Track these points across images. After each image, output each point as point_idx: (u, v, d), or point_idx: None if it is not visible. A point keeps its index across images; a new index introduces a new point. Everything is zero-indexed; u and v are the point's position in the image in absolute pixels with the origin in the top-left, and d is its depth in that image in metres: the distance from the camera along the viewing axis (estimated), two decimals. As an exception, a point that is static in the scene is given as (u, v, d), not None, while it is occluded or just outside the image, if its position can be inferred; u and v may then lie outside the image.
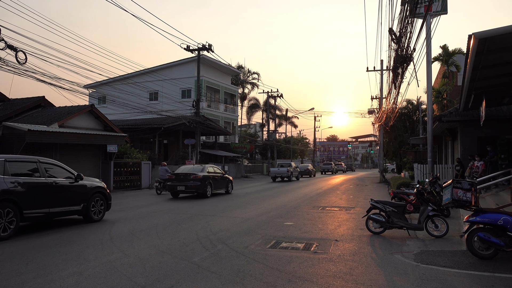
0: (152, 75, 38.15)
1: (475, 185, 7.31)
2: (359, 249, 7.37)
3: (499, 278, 5.64)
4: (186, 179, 17.28)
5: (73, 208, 10.03)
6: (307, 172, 40.60)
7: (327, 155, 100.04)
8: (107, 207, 11.09)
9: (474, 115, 15.87)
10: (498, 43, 8.41)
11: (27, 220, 8.85)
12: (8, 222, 8.23)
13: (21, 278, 5.57)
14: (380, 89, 32.09)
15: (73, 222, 10.56)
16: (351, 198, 17.26)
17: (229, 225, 9.91)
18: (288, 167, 32.86)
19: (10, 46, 14.16)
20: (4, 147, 16.76)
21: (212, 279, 5.50)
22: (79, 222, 10.41)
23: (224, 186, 19.53)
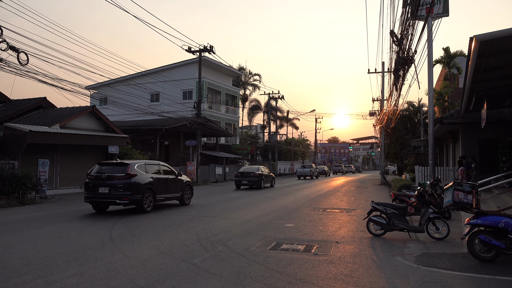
0: (153, 76, 38.21)
1: (476, 188, 7.30)
2: (359, 251, 7.36)
3: (500, 280, 5.63)
4: (248, 176, 24.28)
5: (176, 195, 14.38)
6: (323, 172, 48.77)
7: (328, 156, 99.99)
8: (192, 195, 15.54)
9: (476, 117, 15.85)
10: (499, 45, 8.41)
11: (157, 201, 13.26)
12: (149, 202, 12.65)
13: (22, 279, 5.58)
14: (381, 91, 32.11)
15: (70, 221, 10.57)
16: (352, 200, 17.25)
17: (229, 227, 9.91)
18: (310, 168, 41.39)
19: (12, 47, 14.20)
20: (6, 148, 16.80)
21: (212, 280, 5.50)
22: (76, 220, 10.43)
23: (270, 181, 26.40)
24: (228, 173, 36.07)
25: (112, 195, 12.14)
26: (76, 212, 12.97)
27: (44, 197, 17.21)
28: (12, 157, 16.31)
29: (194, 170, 28.77)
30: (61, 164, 19.33)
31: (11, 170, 15.78)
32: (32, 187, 16.01)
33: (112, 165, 12.90)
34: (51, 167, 18.29)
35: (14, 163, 16.34)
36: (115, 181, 12.12)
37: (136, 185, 12.18)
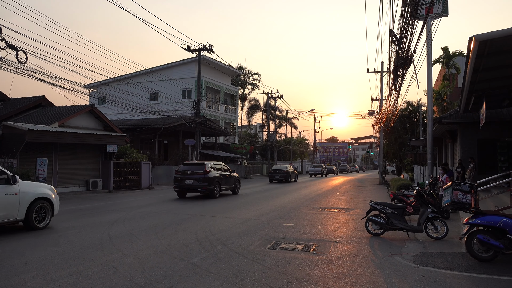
0: (153, 75, 38.18)
1: (475, 187, 7.31)
2: (358, 251, 7.37)
3: (498, 280, 5.64)
4: (280, 172, 31.48)
5: (230, 187, 19.09)
6: (332, 171, 53.74)
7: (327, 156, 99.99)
8: (240, 187, 20.21)
9: (474, 117, 15.86)
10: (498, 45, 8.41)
11: (221, 191, 18.00)
12: (218, 190, 17.42)
13: (20, 277, 5.57)
14: (380, 91, 32.13)
15: (69, 220, 10.56)
16: (351, 200, 17.26)
17: (228, 226, 9.91)
18: (320, 167, 47.87)
19: (11, 45, 14.17)
20: (4, 147, 16.77)
21: (211, 279, 5.50)
22: (75, 219, 10.42)
23: (294, 177, 33.43)
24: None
25: (195, 185, 17.05)
26: (75, 211, 12.95)
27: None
28: (10, 155, 16.28)
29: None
30: (60, 163, 19.30)
31: (10, 168, 15.76)
32: (30, 186, 15.95)
33: (193, 165, 17.97)
34: (49, 166, 18.25)
35: (12, 161, 16.31)
36: (197, 176, 17.05)
37: (210, 179, 17.04)
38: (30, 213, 9.06)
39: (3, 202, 8.47)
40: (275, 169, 32.58)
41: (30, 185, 9.54)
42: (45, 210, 9.51)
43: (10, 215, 8.68)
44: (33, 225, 9.15)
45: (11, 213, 8.69)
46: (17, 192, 8.80)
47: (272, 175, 31.69)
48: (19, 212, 8.84)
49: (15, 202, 8.74)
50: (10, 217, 8.68)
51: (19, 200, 8.82)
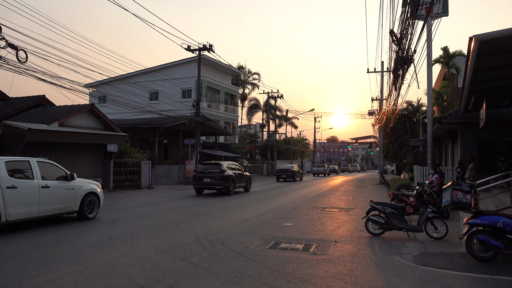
0: (153, 75, 38.17)
1: (475, 187, 7.32)
2: (358, 251, 7.37)
3: (498, 280, 5.64)
4: (286, 172, 33.65)
5: (243, 185, 20.82)
6: (334, 170, 56.26)
7: (327, 156, 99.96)
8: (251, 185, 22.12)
9: (474, 117, 15.86)
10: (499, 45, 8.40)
11: (235, 188, 19.70)
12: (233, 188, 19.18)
13: (20, 277, 5.57)
14: (380, 91, 32.12)
15: (69, 220, 10.57)
16: (351, 200, 17.26)
17: (228, 226, 9.91)
18: (323, 167, 50.41)
19: (11, 44, 14.16)
20: (4, 146, 16.77)
21: (211, 279, 5.50)
22: (75, 218, 10.43)
23: (300, 176, 35.46)
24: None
25: (212, 183, 18.74)
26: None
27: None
28: (10, 155, 16.27)
29: (193, 169, 28.74)
30: (60, 162, 19.22)
31: (10, 168, 15.76)
32: (30, 185, 15.96)
33: (211, 164, 19.59)
34: (49, 165, 18.22)
35: (12, 161, 16.30)
36: (214, 174, 18.71)
37: (226, 177, 18.78)
38: (83, 205, 10.73)
39: (63, 195, 10.13)
40: (282, 168, 34.79)
41: (83, 181, 11.07)
42: (93, 203, 11.14)
43: (69, 206, 10.35)
44: (85, 216, 10.79)
45: (69, 205, 10.36)
46: (73, 187, 10.46)
47: (280, 174, 33.82)
48: (75, 204, 10.52)
49: (72, 196, 10.42)
50: (69, 208, 10.37)
51: (75, 194, 10.50)
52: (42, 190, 9.49)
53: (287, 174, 33.42)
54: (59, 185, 10.04)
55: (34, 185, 9.34)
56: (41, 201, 9.42)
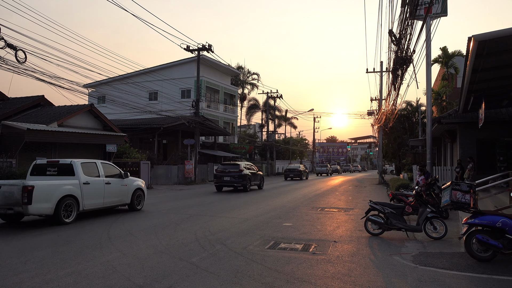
0: (152, 75, 38.14)
1: (474, 187, 7.32)
2: (357, 251, 7.37)
3: (497, 280, 5.65)
4: (294, 171, 36.66)
5: (257, 183, 22.93)
6: (336, 170, 59.17)
7: (326, 156, 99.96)
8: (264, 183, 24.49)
9: (473, 117, 15.89)
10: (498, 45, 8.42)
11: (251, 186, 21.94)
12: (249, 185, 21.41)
13: (19, 277, 5.56)
14: (379, 91, 32.13)
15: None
16: (350, 200, 17.27)
17: (227, 226, 9.91)
18: (326, 167, 53.06)
19: (10, 45, 14.14)
20: (3, 146, 16.76)
21: (210, 279, 5.50)
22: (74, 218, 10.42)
23: (306, 175, 38.85)
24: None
25: (231, 181, 21.03)
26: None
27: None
28: (9, 155, 16.26)
29: (192, 169, 28.76)
30: (59, 162, 19.28)
31: (9, 168, 15.74)
32: (29, 186, 15.93)
33: (230, 165, 21.93)
34: (48, 166, 18.21)
35: (11, 161, 16.29)
36: (233, 173, 20.95)
37: (244, 176, 20.98)
38: (133, 199, 12.71)
39: (120, 190, 12.14)
40: (290, 168, 38.01)
41: (132, 179, 12.94)
42: (140, 197, 13.16)
43: (123, 200, 12.36)
44: (135, 208, 12.81)
45: (124, 198, 12.37)
46: (126, 184, 12.42)
47: (287, 173, 36.90)
48: (127, 198, 12.50)
49: (125, 191, 12.40)
50: (123, 201, 12.40)
51: (127, 189, 12.48)
52: (106, 185, 11.52)
53: (294, 173, 36.35)
54: (117, 182, 12.04)
55: (100, 181, 11.37)
56: (105, 195, 11.49)
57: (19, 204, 9.12)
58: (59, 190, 9.91)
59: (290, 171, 36.95)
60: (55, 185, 9.98)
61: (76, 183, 10.49)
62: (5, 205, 9.27)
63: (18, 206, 9.17)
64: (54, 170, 11.07)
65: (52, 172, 11.06)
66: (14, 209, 9.27)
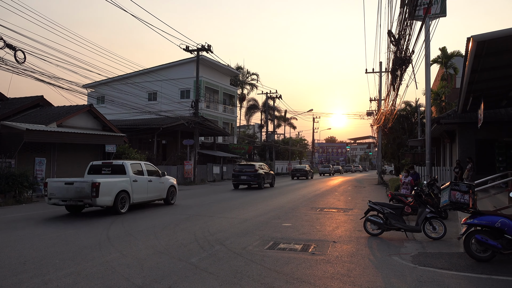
0: (151, 75, 38.12)
1: (473, 188, 7.33)
2: (357, 251, 7.37)
3: (497, 280, 5.65)
4: (300, 171, 39.70)
5: (269, 181, 25.35)
6: (338, 170, 62.27)
7: (326, 156, 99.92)
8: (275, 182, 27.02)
9: (473, 117, 15.91)
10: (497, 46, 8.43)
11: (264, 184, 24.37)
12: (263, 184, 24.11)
13: (18, 278, 5.56)
14: (378, 91, 32.16)
15: (67, 218, 10.54)
16: (349, 200, 17.27)
17: (227, 226, 9.90)
18: (329, 168, 56.06)
19: (9, 45, 14.12)
20: (2, 146, 16.73)
21: (209, 280, 5.50)
22: (73, 219, 10.40)
23: (311, 175, 41.61)
24: (225, 172, 36.13)
25: (248, 180, 23.61)
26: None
27: (41, 196, 17.15)
28: (8, 155, 16.24)
29: (192, 169, 28.75)
30: (58, 162, 19.27)
31: (8, 168, 15.73)
32: (29, 186, 15.95)
33: (246, 165, 24.73)
34: (48, 166, 18.22)
35: (10, 161, 16.27)
36: (249, 173, 23.56)
37: (259, 175, 23.62)
38: (168, 194, 14.64)
39: (158, 187, 14.13)
40: (296, 168, 41.57)
41: (167, 177, 14.83)
42: (173, 193, 15.05)
43: (161, 195, 14.35)
44: (169, 202, 14.75)
45: (161, 194, 14.36)
46: (163, 181, 14.41)
47: (294, 173, 40.06)
48: (164, 194, 14.48)
49: (163, 188, 14.38)
50: (161, 196, 14.39)
51: (164, 186, 14.44)
52: (148, 183, 13.52)
53: (301, 173, 39.59)
54: (156, 180, 13.98)
55: (144, 179, 13.37)
56: (148, 190, 13.47)
57: (88, 197, 11.07)
58: (117, 186, 11.92)
59: (297, 170, 40.16)
60: (114, 182, 11.94)
61: (128, 181, 12.51)
62: (76, 198, 11.24)
63: (87, 199, 11.12)
64: (108, 169, 13.05)
65: (107, 171, 13.03)
66: (84, 201, 11.27)
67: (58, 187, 11.45)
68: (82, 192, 11.13)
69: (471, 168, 15.54)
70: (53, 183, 11.69)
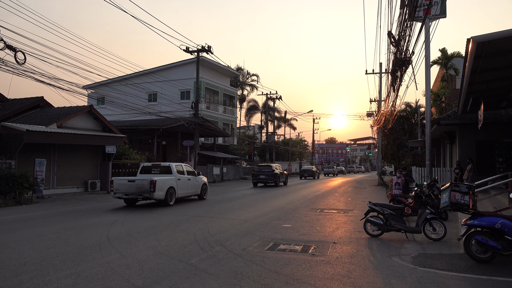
0: (151, 76, 38.13)
1: (473, 189, 7.32)
2: (357, 252, 7.37)
3: (497, 281, 5.65)
4: (308, 172, 42.68)
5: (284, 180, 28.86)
6: (341, 171, 63.87)
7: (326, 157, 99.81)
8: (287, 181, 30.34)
9: (473, 118, 15.90)
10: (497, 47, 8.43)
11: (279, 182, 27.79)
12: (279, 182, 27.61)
13: (18, 278, 5.56)
14: (378, 92, 32.19)
15: (67, 219, 10.54)
16: (349, 201, 17.27)
17: (227, 227, 9.90)
18: (333, 168, 58.10)
19: (9, 46, 14.13)
20: (3, 147, 16.73)
21: (209, 281, 5.49)
22: (74, 220, 10.40)
23: (317, 175, 44.68)
24: (225, 173, 36.16)
25: (266, 179, 26.99)
26: (73, 212, 12.94)
27: (41, 197, 17.16)
28: (8, 156, 16.24)
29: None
30: (58, 163, 19.28)
31: (8, 169, 15.72)
32: (29, 187, 15.95)
33: (264, 166, 28.33)
34: (48, 167, 18.22)
35: (10, 162, 16.27)
36: (267, 173, 27.06)
37: (275, 175, 27.03)
38: (202, 191, 17.19)
39: (195, 184, 16.72)
40: (304, 169, 44.49)
41: (201, 177, 17.45)
42: (205, 190, 17.57)
43: (196, 191, 16.95)
44: (202, 197, 17.26)
45: (197, 190, 16.96)
46: (198, 180, 17.02)
47: (303, 173, 43.24)
48: (199, 190, 17.02)
49: (198, 185, 16.96)
50: (196, 192, 16.98)
51: (199, 184, 17.02)
52: (188, 181, 16.05)
53: (308, 173, 42.53)
54: (193, 178, 16.55)
55: (185, 178, 15.91)
56: (187, 187, 15.97)
57: (147, 192, 13.65)
58: (167, 183, 14.48)
59: (305, 171, 43.35)
60: (165, 180, 14.50)
61: (174, 179, 15.07)
62: (137, 193, 13.81)
63: (146, 193, 13.70)
64: (157, 170, 15.54)
65: (155, 171, 15.51)
66: (143, 195, 13.85)
67: (122, 184, 13.94)
68: (142, 188, 13.64)
69: (471, 169, 15.53)
70: (118, 180, 14.15)
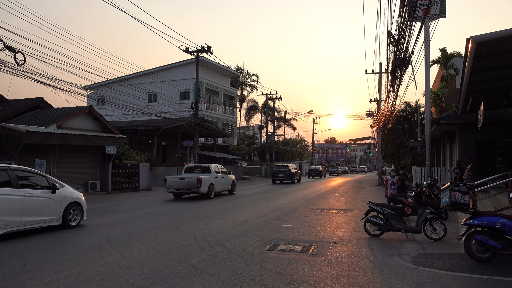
0: (151, 77, 38.12)
1: (473, 188, 7.32)
2: (357, 252, 7.37)
3: (497, 281, 5.65)
4: (315, 171, 46.04)
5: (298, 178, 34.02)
6: (345, 171, 68.12)
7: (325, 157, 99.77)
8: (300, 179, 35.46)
9: (472, 118, 15.90)
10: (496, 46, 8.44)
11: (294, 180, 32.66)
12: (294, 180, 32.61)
13: (19, 279, 5.56)
14: (378, 92, 32.19)
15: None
16: (349, 201, 17.27)
17: (227, 227, 9.90)
18: (337, 168, 62.04)
19: (9, 47, 14.13)
20: (2, 148, 16.73)
21: (210, 281, 5.49)
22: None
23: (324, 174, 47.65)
24: None
25: (283, 177, 31.45)
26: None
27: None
28: (8, 157, 16.24)
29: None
30: (58, 164, 19.26)
31: (8, 170, 15.69)
32: (28, 188, 15.90)
33: (282, 166, 32.97)
34: (48, 168, 18.20)
35: (10, 163, 16.26)
36: (284, 171, 31.55)
37: (292, 174, 31.50)
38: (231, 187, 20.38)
39: (227, 182, 19.92)
40: (312, 169, 47.54)
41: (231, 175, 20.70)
42: (234, 186, 20.67)
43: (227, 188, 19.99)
44: (232, 192, 20.39)
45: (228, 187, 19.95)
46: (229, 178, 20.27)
47: (311, 172, 46.13)
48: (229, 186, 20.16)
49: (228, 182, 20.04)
50: (227, 188, 20.01)
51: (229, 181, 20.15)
52: (222, 179, 19.30)
53: (316, 172, 45.73)
54: (226, 177, 19.84)
55: (220, 176, 19.14)
56: (222, 184, 19.26)
57: (195, 187, 16.98)
58: (208, 181, 17.70)
59: (313, 171, 46.37)
60: (207, 178, 17.71)
61: (213, 177, 18.27)
62: (187, 188, 17.15)
63: (194, 188, 17.01)
64: (198, 170, 18.89)
65: (197, 171, 18.83)
66: (191, 190, 17.19)
67: (175, 181, 17.36)
68: (191, 184, 16.98)
69: (471, 168, 15.53)
70: (171, 178, 17.52)
